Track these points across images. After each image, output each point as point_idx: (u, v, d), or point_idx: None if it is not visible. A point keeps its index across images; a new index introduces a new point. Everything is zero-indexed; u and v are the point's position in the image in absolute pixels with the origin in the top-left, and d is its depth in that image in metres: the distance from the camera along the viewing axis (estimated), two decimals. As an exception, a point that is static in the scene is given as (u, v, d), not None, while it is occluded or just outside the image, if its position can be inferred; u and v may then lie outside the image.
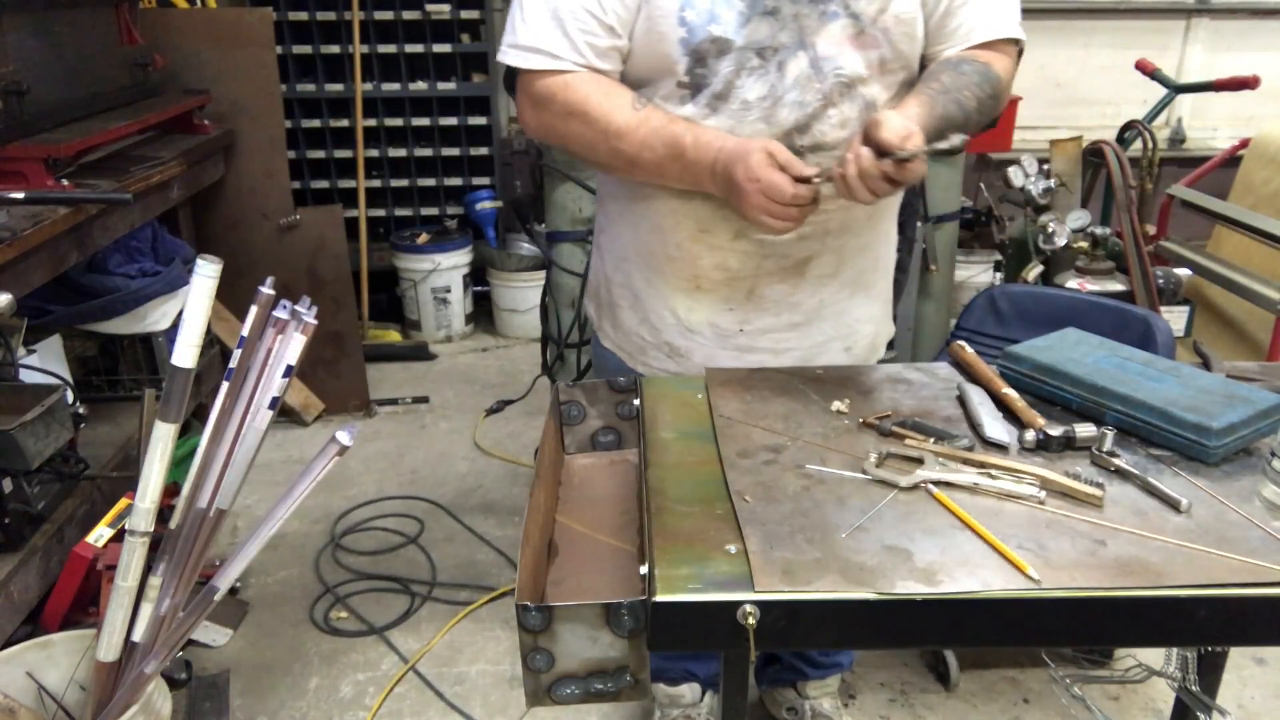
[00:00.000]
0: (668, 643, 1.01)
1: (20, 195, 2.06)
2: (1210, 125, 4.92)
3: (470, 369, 4.15)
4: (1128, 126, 3.37)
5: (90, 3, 2.74)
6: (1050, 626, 0.99)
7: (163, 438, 1.54)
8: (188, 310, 1.47)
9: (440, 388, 3.92)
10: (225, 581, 1.64)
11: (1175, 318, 2.93)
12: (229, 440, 1.58)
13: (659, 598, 0.96)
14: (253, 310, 1.52)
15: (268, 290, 1.52)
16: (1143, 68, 3.70)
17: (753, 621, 0.94)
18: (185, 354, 1.48)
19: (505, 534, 2.88)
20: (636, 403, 1.41)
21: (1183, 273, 3.10)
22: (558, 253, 2.91)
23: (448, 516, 2.98)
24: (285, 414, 3.52)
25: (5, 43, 2.28)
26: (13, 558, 1.96)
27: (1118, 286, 2.92)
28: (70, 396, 2.17)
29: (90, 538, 2.00)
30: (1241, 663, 2.31)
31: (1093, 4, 4.67)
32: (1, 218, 2.00)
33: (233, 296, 3.22)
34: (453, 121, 4.35)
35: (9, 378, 2.16)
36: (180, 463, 1.76)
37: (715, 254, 1.53)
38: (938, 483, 1.14)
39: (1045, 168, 3.19)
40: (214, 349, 3.14)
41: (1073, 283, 2.94)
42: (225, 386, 1.55)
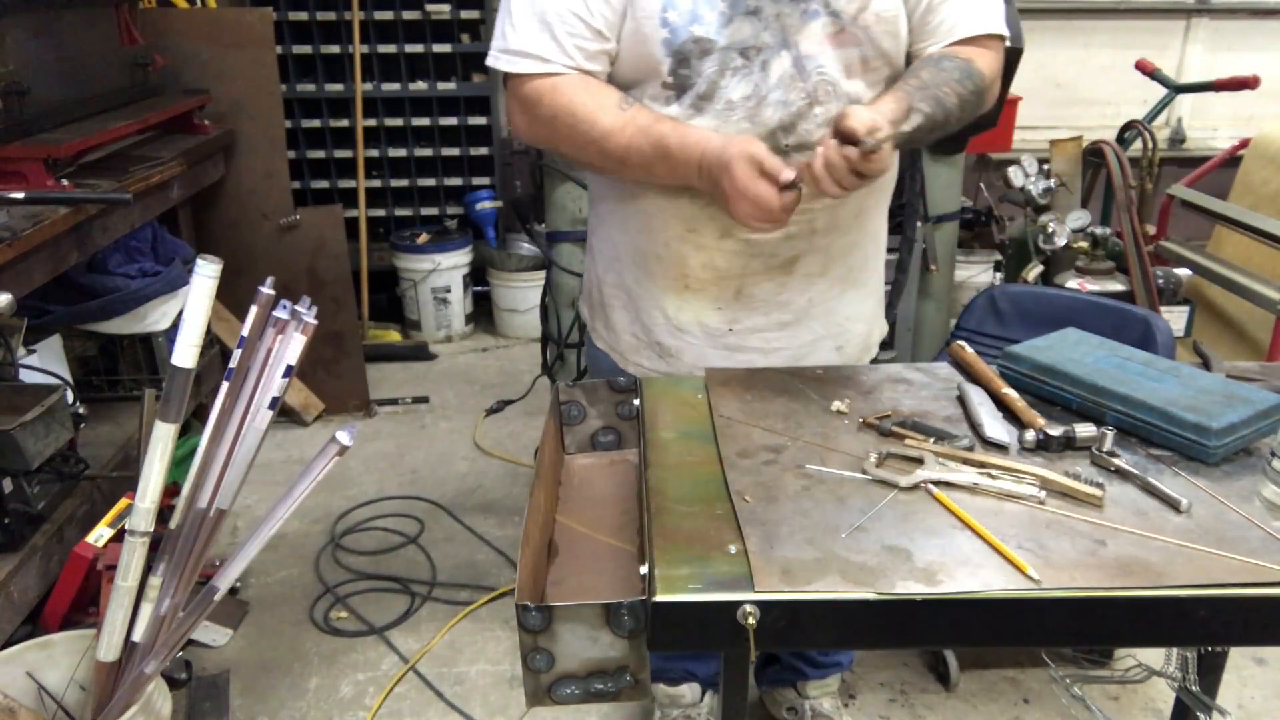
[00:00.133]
0: (668, 643, 1.01)
1: (20, 195, 2.06)
2: (1210, 125, 4.93)
3: (470, 369, 4.15)
4: (1128, 126, 3.37)
5: (90, 3, 2.74)
6: (1050, 626, 0.99)
7: (163, 438, 1.54)
8: (188, 310, 1.47)
9: (440, 388, 3.92)
10: (225, 581, 1.64)
11: (1175, 318, 2.93)
12: (229, 440, 1.58)
13: (659, 598, 0.96)
14: (253, 310, 1.52)
15: (268, 290, 1.52)
16: (1143, 68, 3.70)
17: (753, 621, 0.94)
18: (185, 354, 1.48)
19: (505, 534, 2.88)
20: (636, 403, 1.41)
21: (1183, 273, 3.10)
22: (557, 253, 2.91)
23: (448, 516, 2.98)
24: (285, 414, 3.52)
25: (5, 43, 2.28)
26: (13, 558, 1.96)
27: (1118, 286, 2.92)
28: (70, 396, 2.17)
29: (90, 538, 2.00)
30: (1241, 663, 2.31)
31: (1093, 4, 4.67)
32: (1, 218, 2.01)
33: (233, 296, 3.21)
34: (453, 121, 4.35)
35: (9, 378, 2.16)
36: (180, 463, 1.77)
37: (702, 253, 1.53)
38: (938, 483, 1.14)
39: (1045, 168, 3.19)
40: (214, 349, 3.13)
41: (1073, 283, 2.93)
42: (225, 386, 1.55)
